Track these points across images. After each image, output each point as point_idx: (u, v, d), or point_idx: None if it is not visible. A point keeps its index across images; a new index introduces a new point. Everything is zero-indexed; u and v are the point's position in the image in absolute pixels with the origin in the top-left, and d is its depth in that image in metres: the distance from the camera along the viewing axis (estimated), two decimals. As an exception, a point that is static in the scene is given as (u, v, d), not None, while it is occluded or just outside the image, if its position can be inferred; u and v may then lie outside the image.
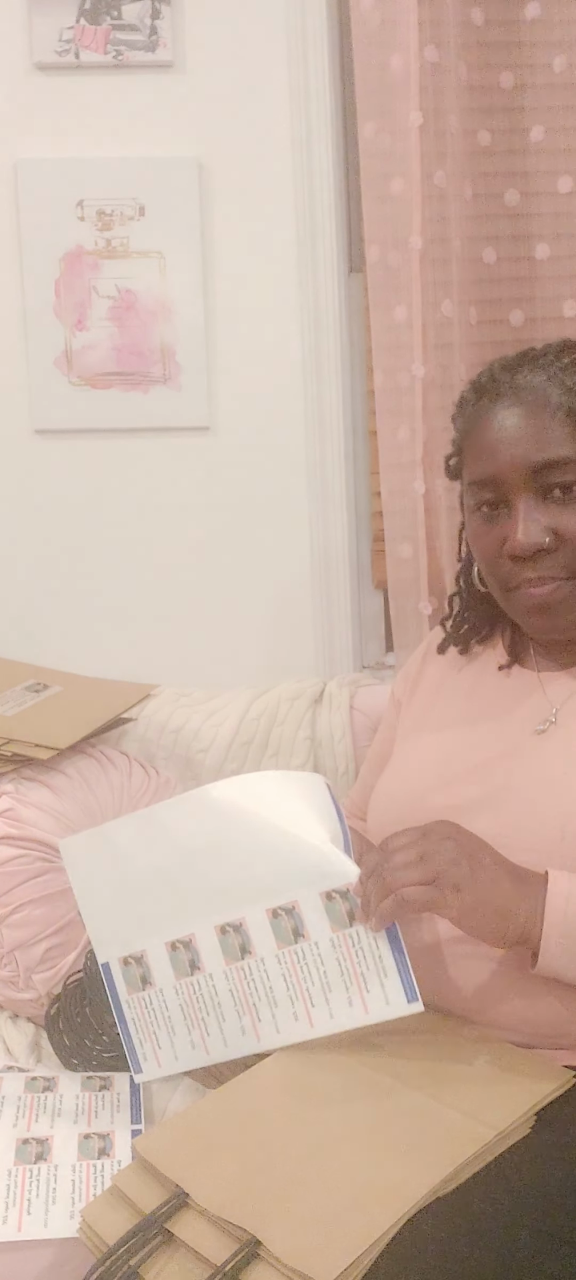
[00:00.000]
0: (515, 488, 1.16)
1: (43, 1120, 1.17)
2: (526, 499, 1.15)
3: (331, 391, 1.98)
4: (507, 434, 1.16)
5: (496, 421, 1.17)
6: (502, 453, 1.16)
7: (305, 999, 1.10)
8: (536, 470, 1.14)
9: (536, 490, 1.15)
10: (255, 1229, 0.89)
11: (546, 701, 1.22)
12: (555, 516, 1.15)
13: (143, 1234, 0.93)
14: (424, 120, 1.78)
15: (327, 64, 1.91)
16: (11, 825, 1.51)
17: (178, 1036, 1.17)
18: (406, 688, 1.41)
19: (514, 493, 1.16)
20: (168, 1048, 1.18)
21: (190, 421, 2.01)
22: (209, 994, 1.14)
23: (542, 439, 1.14)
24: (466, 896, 1.02)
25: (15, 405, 2.01)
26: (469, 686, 1.32)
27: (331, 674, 1.99)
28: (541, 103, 1.86)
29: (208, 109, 1.94)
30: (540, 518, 1.15)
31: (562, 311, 1.89)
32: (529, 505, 1.15)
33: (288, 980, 1.10)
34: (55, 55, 1.91)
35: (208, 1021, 1.15)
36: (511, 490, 1.16)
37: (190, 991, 1.15)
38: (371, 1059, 1.09)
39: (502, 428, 1.17)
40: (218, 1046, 1.15)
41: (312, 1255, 0.86)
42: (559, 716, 1.20)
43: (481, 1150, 0.95)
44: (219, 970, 1.14)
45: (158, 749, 1.84)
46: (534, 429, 1.15)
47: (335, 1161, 0.96)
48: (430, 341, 1.83)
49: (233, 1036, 1.14)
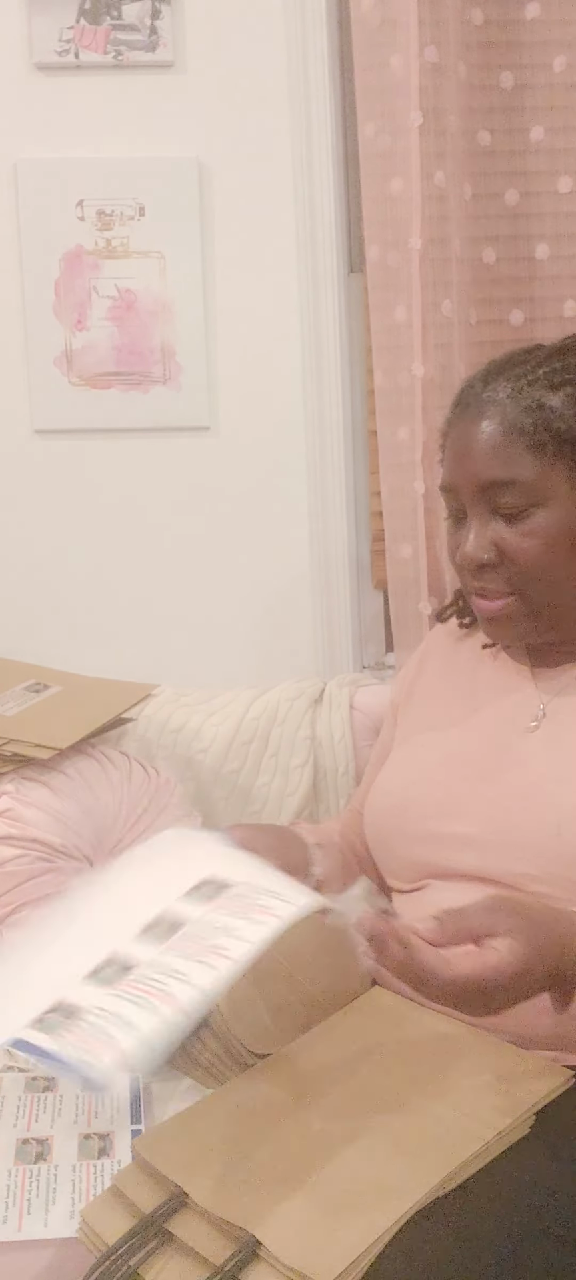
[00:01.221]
0: (468, 500, 1.19)
1: (43, 1120, 1.17)
2: (477, 513, 1.18)
3: (331, 391, 1.98)
4: (465, 448, 1.18)
5: (460, 433, 1.20)
6: (458, 465, 1.19)
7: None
8: (485, 487, 1.17)
9: (487, 506, 1.17)
10: (254, 1229, 0.89)
11: (536, 697, 1.23)
12: (501, 534, 1.17)
13: (142, 1234, 0.93)
14: (424, 120, 1.78)
15: (327, 64, 1.91)
16: (11, 825, 1.51)
17: (139, 1025, 1.05)
18: (402, 692, 1.42)
19: (468, 505, 1.19)
20: (128, 1037, 1.05)
21: (190, 421, 2.01)
22: (157, 973, 1.05)
23: (493, 458, 1.16)
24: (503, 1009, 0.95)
25: (15, 405, 2.01)
26: (463, 686, 1.32)
27: (331, 674, 1.99)
28: (541, 103, 1.86)
29: (208, 109, 1.94)
30: (487, 533, 1.17)
31: (562, 311, 1.90)
32: (479, 519, 1.18)
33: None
34: (55, 55, 1.91)
35: (169, 986, 1.05)
36: (466, 502, 1.19)
37: (134, 984, 1.04)
38: (371, 1059, 1.09)
39: (463, 440, 1.19)
40: (192, 997, 0.97)
41: (312, 1255, 0.86)
42: (548, 711, 1.21)
43: (481, 1150, 0.95)
44: (156, 953, 1.00)
45: (158, 749, 1.84)
46: (486, 447, 1.16)
47: (335, 1161, 0.96)
48: (430, 341, 1.83)
49: (201, 979, 0.98)
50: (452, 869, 1.18)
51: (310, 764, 1.84)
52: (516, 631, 1.21)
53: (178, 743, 1.84)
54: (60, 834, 1.53)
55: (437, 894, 1.19)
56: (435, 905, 1.17)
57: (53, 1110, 1.19)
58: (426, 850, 1.21)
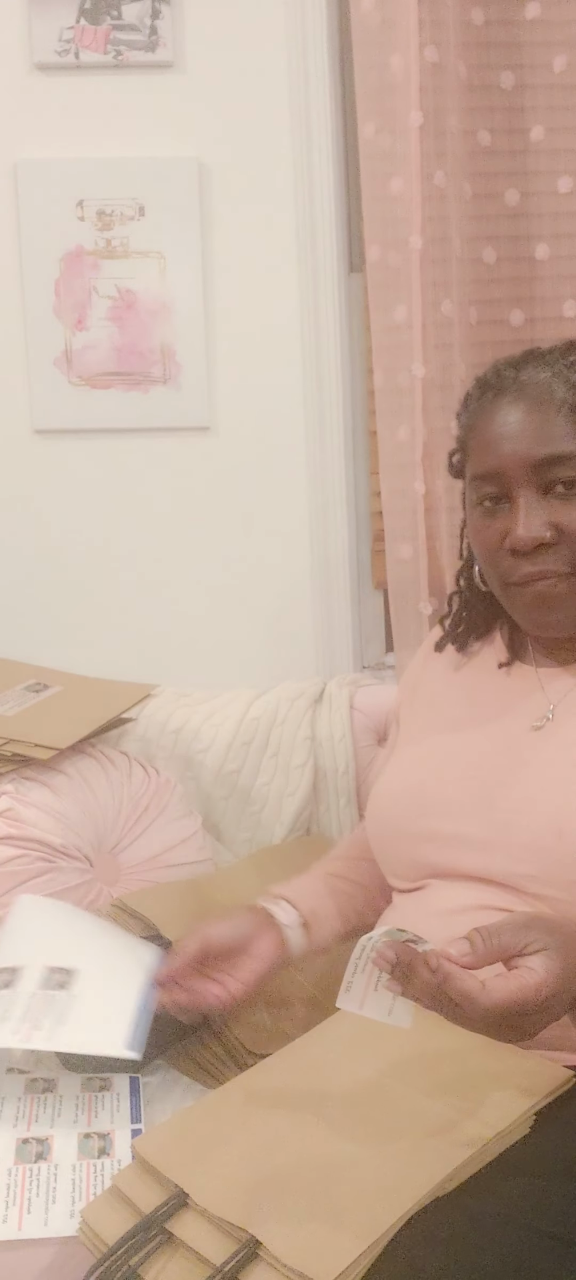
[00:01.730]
0: (517, 482, 1.16)
1: (43, 1120, 1.17)
2: (527, 494, 1.16)
3: (331, 391, 1.98)
4: (510, 429, 1.16)
5: (499, 416, 1.18)
6: (505, 447, 1.16)
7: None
8: (538, 465, 1.15)
9: (538, 485, 1.15)
10: (255, 1229, 0.89)
11: (544, 698, 1.22)
12: (556, 511, 1.15)
13: (143, 1234, 0.93)
14: (424, 120, 1.78)
15: (327, 64, 1.91)
16: (11, 825, 1.51)
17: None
18: (407, 693, 1.41)
19: (515, 487, 1.16)
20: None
21: (190, 421, 2.01)
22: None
23: (545, 434, 1.15)
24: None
25: (15, 405, 2.01)
26: (468, 685, 1.32)
27: (331, 674, 1.99)
28: (541, 103, 1.86)
29: (208, 109, 1.94)
30: (541, 512, 1.15)
31: (562, 311, 1.89)
32: (530, 500, 1.16)
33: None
34: (55, 55, 1.91)
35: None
36: (513, 484, 1.16)
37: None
38: (371, 1060, 1.09)
39: (505, 422, 1.17)
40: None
41: (312, 1255, 0.86)
42: (556, 713, 1.20)
43: (481, 1150, 0.95)
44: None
45: (158, 749, 1.84)
46: (536, 424, 1.15)
47: (335, 1161, 0.96)
48: (430, 341, 1.83)
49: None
50: (454, 869, 1.18)
51: (310, 764, 1.84)
52: (563, 616, 1.18)
53: (178, 743, 1.84)
54: (60, 834, 1.53)
55: (439, 893, 1.19)
56: (436, 904, 1.18)
57: (53, 1110, 1.19)
58: (428, 849, 1.21)
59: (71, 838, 1.54)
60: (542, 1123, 1.00)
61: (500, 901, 1.13)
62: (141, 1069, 1.24)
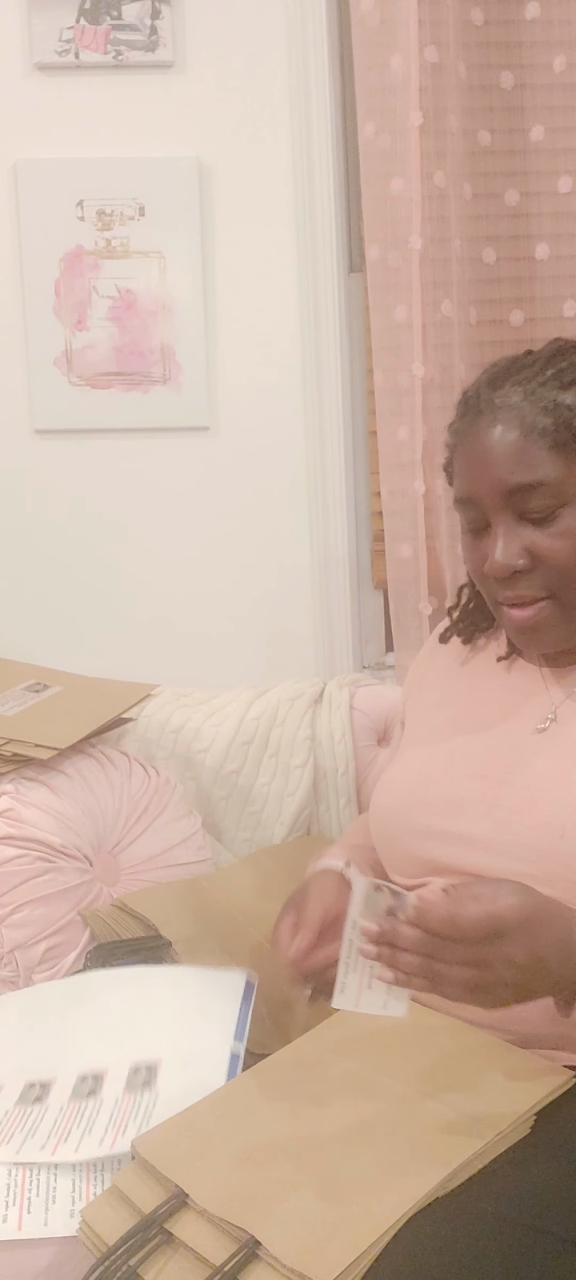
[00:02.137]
0: (492, 509, 1.16)
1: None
2: (503, 520, 1.15)
3: (331, 391, 1.98)
4: (484, 456, 1.15)
5: (476, 442, 1.17)
6: (479, 474, 1.16)
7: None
8: (510, 493, 1.14)
9: (513, 512, 1.15)
10: (254, 1229, 0.89)
11: (548, 699, 1.22)
12: (531, 538, 1.14)
13: (142, 1234, 0.93)
14: (424, 120, 1.78)
15: (327, 64, 1.91)
16: (11, 825, 1.51)
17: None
18: (412, 690, 1.41)
19: (492, 513, 1.16)
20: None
21: (190, 421, 2.01)
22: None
23: (517, 462, 1.13)
24: (515, 999, 0.98)
25: (15, 405, 2.01)
26: (473, 683, 1.32)
27: (331, 674, 1.99)
28: (541, 103, 1.86)
29: (208, 109, 1.94)
30: (517, 539, 1.14)
31: (562, 311, 1.90)
32: (506, 526, 1.15)
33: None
34: (55, 55, 1.91)
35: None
36: (490, 511, 1.16)
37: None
38: (372, 1060, 1.09)
39: (480, 448, 1.16)
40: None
41: (312, 1255, 0.86)
42: (559, 714, 1.20)
43: (481, 1150, 0.95)
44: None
45: (158, 749, 1.84)
46: (509, 451, 1.14)
47: (335, 1162, 0.96)
48: (430, 341, 1.84)
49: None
50: (456, 866, 1.18)
51: (310, 764, 1.84)
52: (550, 638, 1.19)
53: (178, 743, 1.84)
54: (60, 834, 1.53)
55: (439, 891, 1.19)
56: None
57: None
58: (430, 847, 1.21)
59: (71, 838, 1.54)
60: (542, 1123, 1.00)
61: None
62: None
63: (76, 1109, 1.13)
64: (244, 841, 1.84)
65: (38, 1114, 1.14)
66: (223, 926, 1.48)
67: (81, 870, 1.55)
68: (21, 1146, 1.09)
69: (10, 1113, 1.14)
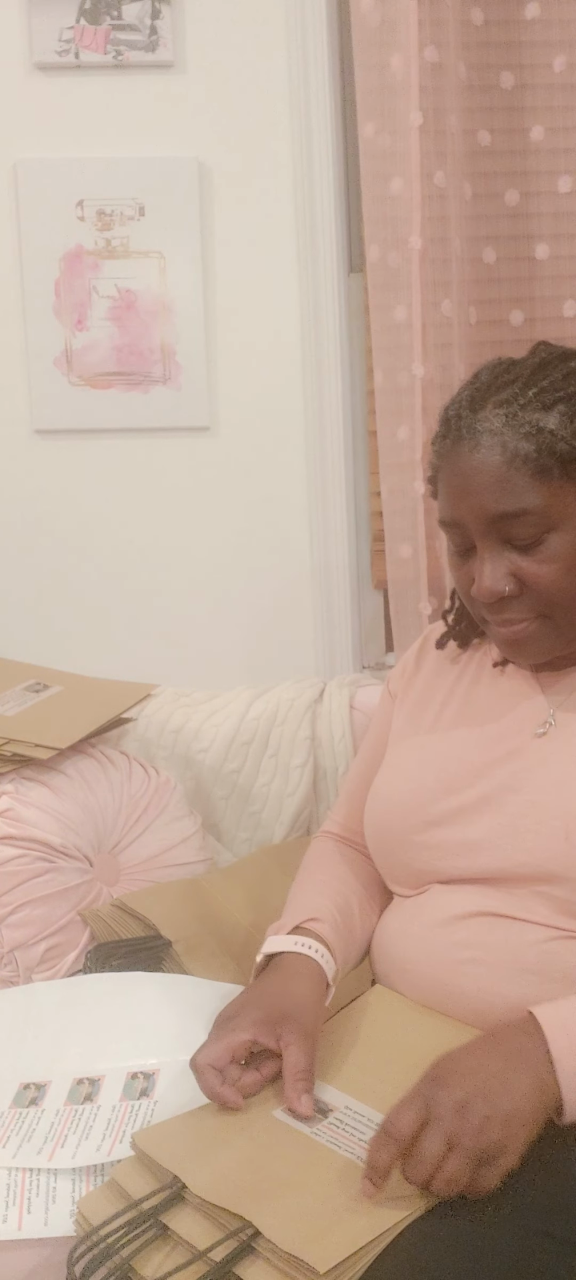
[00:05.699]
0: (477, 534, 1.14)
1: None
2: (489, 545, 1.13)
3: (331, 391, 1.98)
4: (466, 483, 1.13)
5: (456, 467, 1.14)
6: (462, 500, 1.14)
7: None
8: (494, 521, 1.12)
9: (498, 537, 1.13)
10: (252, 1216, 0.89)
11: (544, 703, 1.22)
12: (517, 563, 1.13)
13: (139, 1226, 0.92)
14: (424, 120, 1.78)
15: (327, 64, 1.91)
16: (11, 825, 1.51)
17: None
18: (402, 683, 1.38)
19: (476, 538, 1.14)
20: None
21: (190, 421, 2.01)
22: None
23: (500, 490, 1.11)
24: (508, 1154, 0.93)
25: (15, 405, 2.01)
26: (467, 685, 1.31)
27: (331, 674, 1.99)
28: (541, 103, 1.86)
29: (208, 109, 1.94)
30: (503, 564, 1.13)
31: (562, 311, 1.90)
32: (492, 552, 1.13)
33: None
34: (55, 55, 1.91)
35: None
36: (474, 536, 1.14)
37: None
38: (373, 1063, 1.09)
39: (462, 475, 1.13)
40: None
41: (310, 1243, 0.86)
42: (557, 718, 1.20)
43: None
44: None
45: (158, 749, 1.84)
46: (491, 479, 1.11)
47: (336, 1165, 0.96)
48: (430, 341, 1.83)
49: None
50: (457, 873, 1.18)
51: (310, 764, 1.84)
52: (539, 650, 1.18)
53: (178, 743, 1.84)
54: (60, 834, 1.53)
55: (441, 897, 1.18)
56: (438, 908, 1.17)
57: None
58: (431, 855, 1.20)
59: (71, 838, 1.54)
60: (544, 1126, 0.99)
61: (502, 905, 1.13)
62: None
63: (73, 1113, 1.13)
64: (244, 841, 1.84)
65: (34, 1117, 1.13)
66: (223, 926, 1.48)
67: (81, 870, 1.55)
68: (18, 1150, 1.09)
69: (5, 1115, 1.14)
